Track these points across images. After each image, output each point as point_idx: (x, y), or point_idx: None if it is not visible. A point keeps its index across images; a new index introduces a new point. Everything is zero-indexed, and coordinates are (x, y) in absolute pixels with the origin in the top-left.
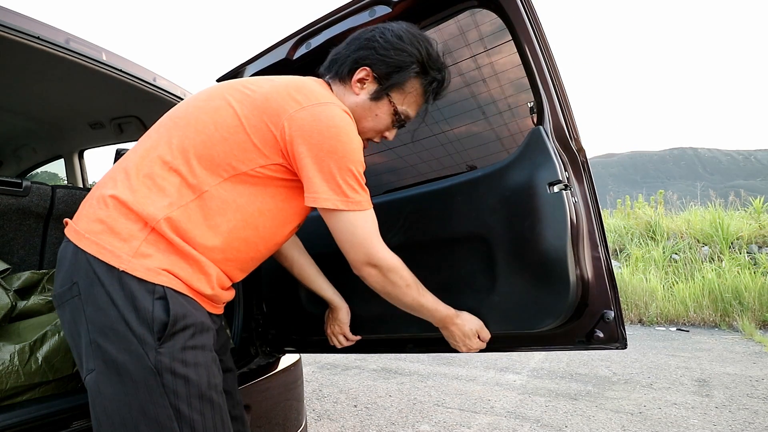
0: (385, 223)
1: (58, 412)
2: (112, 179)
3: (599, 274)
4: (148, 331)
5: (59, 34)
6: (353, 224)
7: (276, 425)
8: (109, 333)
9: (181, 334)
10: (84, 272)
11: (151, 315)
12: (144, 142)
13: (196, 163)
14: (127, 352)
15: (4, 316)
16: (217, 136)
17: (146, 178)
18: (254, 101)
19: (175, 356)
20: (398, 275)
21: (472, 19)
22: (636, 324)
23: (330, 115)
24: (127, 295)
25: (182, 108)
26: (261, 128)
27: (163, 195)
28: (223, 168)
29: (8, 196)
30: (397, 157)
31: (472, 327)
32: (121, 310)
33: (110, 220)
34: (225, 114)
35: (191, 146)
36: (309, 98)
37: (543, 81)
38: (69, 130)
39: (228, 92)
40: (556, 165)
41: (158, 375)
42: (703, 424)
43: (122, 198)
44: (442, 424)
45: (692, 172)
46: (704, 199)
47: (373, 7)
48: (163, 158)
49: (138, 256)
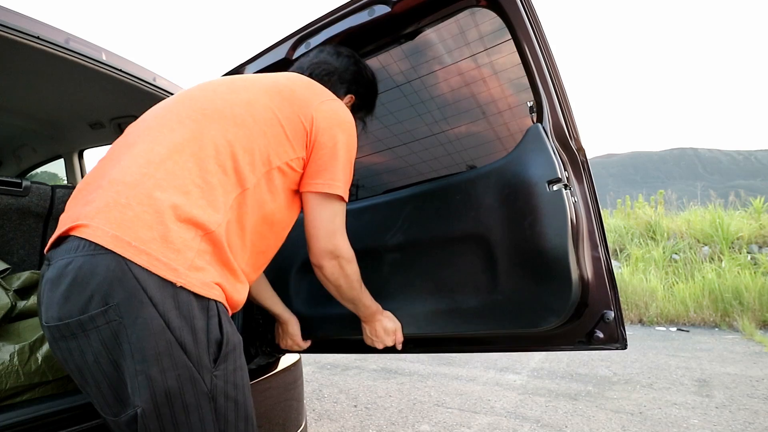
0: (385, 223)
1: (58, 412)
2: (147, 176)
3: (599, 274)
4: (206, 353)
5: (59, 34)
6: (336, 213)
7: (276, 425)
8: (164, 361)
9: (232, 355)
10: (129, 291)
11: (206, 335)
12: (165, 133)
13: (240, 159)
14: (182, 379)
15: (4, 316)
16: (257, 129)
17: (193, 176)
18: (281, 93)
19: (228, 378)
20: (353, 268)
21: (472, 19)
22: (636, 324)
23: (347, 111)
24: (184, 314)
25: (207, 99)
26: (293, 120)
27: (214, 197)
28: (262, 163)
29: (8, 196)
30: (397, 157)
31: (391, 325)
32: (177, 333)
33: (161, 227)
34: (259, 107)
35: (235, 140)
36: (326, 93)
37: (543, 80)
38: (69, 130)
39: (252, 85)
40: (555, 162)
41: (212, 400)
42: (703, 425)
43: (174, 201)
44: (442, 424)
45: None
46: (704, 199)
47: (372, 6)
48: (205, 153)
49: (193, 269)
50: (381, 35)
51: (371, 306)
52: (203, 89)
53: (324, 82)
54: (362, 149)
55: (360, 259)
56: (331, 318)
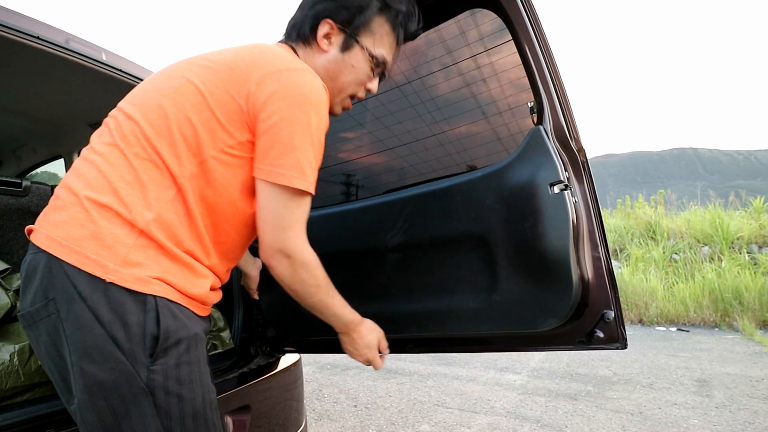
0: (386, 223)
1: (58, 412)
2: (82, 176)
3: (599, 274)
4: (140, 347)
5: (59, 34)
6: (288, 206)
7: (276, 425)
8: (95, 354)
9: (174, 349)
10: (61, 286)
11: (142, 329)
12: (103, 135)
13: (164, 153)
14: (116, 373)
15: (4, 316)
16: (181, 118)
17: (123, 173)
18: (218, 73)
19: (169, 373)
20: (309, 273)
21: (472, 19)
22: (636, 324)
23: (300, 83)
24: (115, 309)
25: (139, 93)
26: (225, 101)
27: (145, 193)
28: (192, 154)
29: (8, 196)
30: (397, 157)
31: (373, 338)
32: (108, 327)
33: (92, 225)
34: (188, 93)
35: (155, 136)
36: (276, 63)
37: (543, 81)
38: (69, 130)
39: (189, 69)
40: (557, 165)
41: (150, 395)
42: (703, 425)
43: (101, 199)
44: (442, 424)
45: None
46: (704, 199)
47: None
48: (134, 150)
49: (126, 265)
50: None
51: (344, 316)
52: (151, 78)
53: (290, 29)
54: (362, 149)
55: (361, 260)
56: None
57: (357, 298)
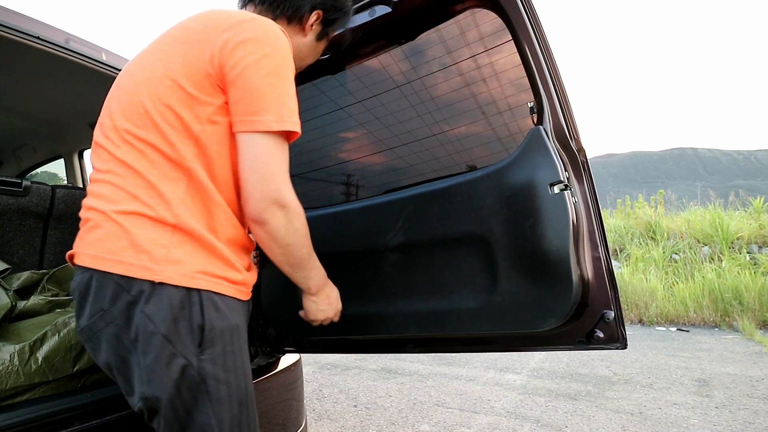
0: (386, 223)
1: (58, 412)
2: (101, 196)
3: (599, 274)
4: (189, 339)
5: (59, 34)
6: (274, 152)
7: (276, 425)
8: (153, 352)
9: (220, 339)
10: (113, 296)
11: (190, 323)
12: (101, 155)
13: (162, 147)
14: (172, 367)
15: (4, 316)
16: (160, 106)
17: (135, 179)
18: (175, 49)
19: (217, 362)
20: (302, 222)
21: (472, 19)
22: (636, 324)
23: (257, 28)
24: (164, 307)
25: (118, 95)
26: (190, 72)
27: (161, 191)
28: (185, 136)
29: (8, 196)
30: (397, 157)
31: (337, 294)
32: (161, 325)
33: (127, 235)
34: (156, 81)
35: (147, 134)
36: (229, 17)
37: (543, 81)
38: (69, 130)
39: (155, 55)
40: (557, 165)
41: (203, 383)
42: (703, 425)
43: (127, 209)
44: (442, 424)
45: (692, 172)
46: (704, 199)
47: (373, 7)
48: (134, 156)
49: (169, 264)
50: (382, 36)
51: (321, 270)
52: (122, 81)
53: (275, 13)
54: (362, 149)
55: (361, 260)
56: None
57: (357, 298)
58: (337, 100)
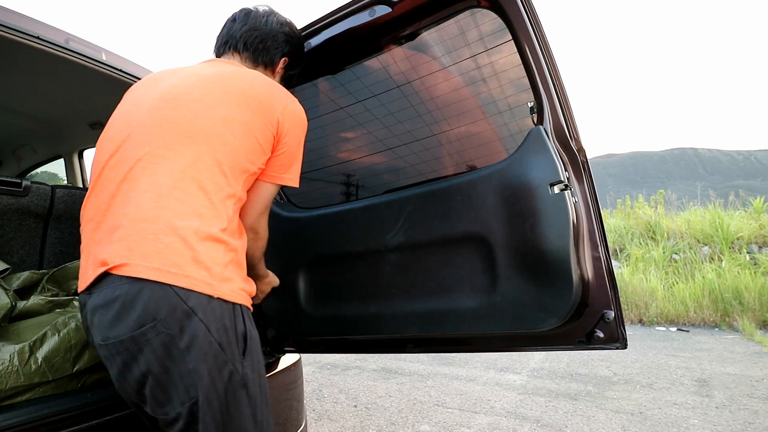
0: (386, 223)
1: (58, 412)
2: (164, 208)
3: (599, 274)
4: (236, 348)
5: (59, 34)
6: (273, 196)
7: (276, 425)
8: (208, 358)
9: (255, 347)
10: (172, 306)
11: (236, 333)
12: (161, 163)
13: (230, 174)
14: (223, 372)
15: (4, 316)
16: (238, 144)
17: (201, 198)
18: (250, 105)
19: (255, 368)
20: (264, 243)
21: (472, 19)
22: (636, 324)
23: (301, 109)
24: (218, 319)
25: (187, 120)
26: (264, 130)
27: (220, 212)
28: (242, 171)
29: (8, 196)
30: (397, 157)
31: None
32: (216, 335)
33: (190, 251)
34: (236, 123)
35: (224, 159)
36: (285, 92)
37: (543, 81)
38: (69, 130)
39: (221, 97)
40: (557, 165)
41: (245, 386)
42: (703, 425)
43: (193, 226)
44: (442, 424)
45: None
46: (704, 199)
47: (373, 7)
48: (204, 176)
49: (223, 281)
50: (382, 36)
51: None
52: (175, 106)
53: (259, 50)
54: (362, 149)
55: (361, 260)
56: (337, 318)
57: (358, 298)
58: (337, 100)
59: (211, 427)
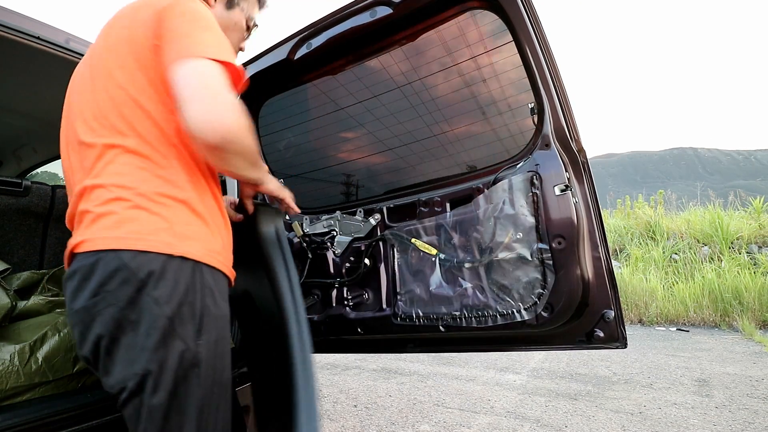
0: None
1: (58, 412)
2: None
3: (599, 274)
4: (190, 324)
5: (59, 34)
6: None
7: None
8: (158, 334)
9: (213, 324)
10: (121, 279)
11: (191, 309)
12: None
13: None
14: (173, 349)
15: (4, 316)
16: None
17: (124, 156)
18: (121, 47)
19: (210, 347)
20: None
21: (473, 20)
22: (636, 324)
23: (195, 7)
24: (170, 288)
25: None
26: (145, 55)
27: (145, 169)
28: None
29: (8, 196)
30: (397, 157)
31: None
32: (165, 308)
33: (146, 213)
34: (110, 83)
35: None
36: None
37: (543, 81)
38: None
39: (102, 62)
40: (561, 166)
41: (196, 367)
42: (703, 424)
43: (125, 183)
44: (442, 424)
45: (692, 172)
46: (704, 199)
47: (374, 7)
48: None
49: (183, 239)
50: (382, 36)
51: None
52: (71, 99)
53: None
54: (363, 149)
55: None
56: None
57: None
58: (338, 100)
59: (156, 409)
